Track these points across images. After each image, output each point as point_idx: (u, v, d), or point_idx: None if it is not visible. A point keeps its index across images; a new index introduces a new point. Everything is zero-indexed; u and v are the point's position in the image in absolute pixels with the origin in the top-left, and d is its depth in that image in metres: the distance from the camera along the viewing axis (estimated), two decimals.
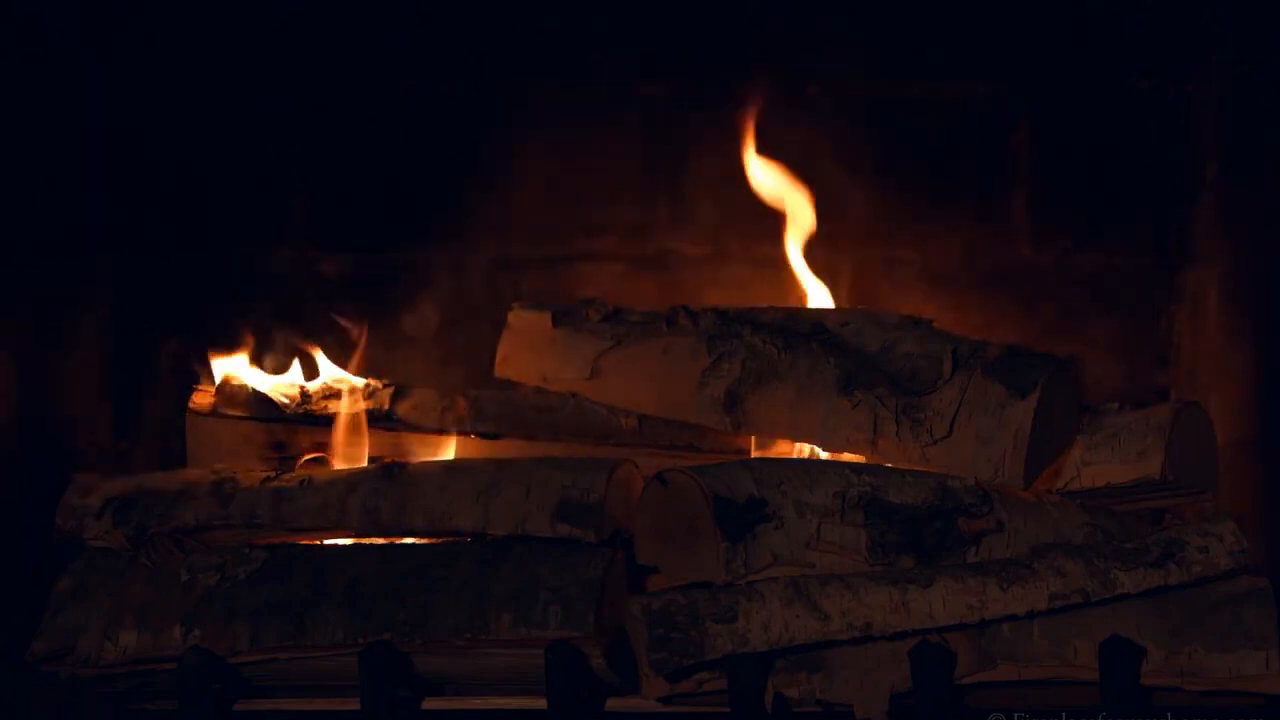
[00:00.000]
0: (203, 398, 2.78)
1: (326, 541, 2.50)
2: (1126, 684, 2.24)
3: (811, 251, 2.89)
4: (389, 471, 2.47)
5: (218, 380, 2.77)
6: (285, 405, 2.75)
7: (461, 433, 2.72)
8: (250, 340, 2.84)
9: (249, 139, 3.07)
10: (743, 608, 2.23)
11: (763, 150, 2.93)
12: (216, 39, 3.03)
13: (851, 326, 2.61)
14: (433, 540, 2.45)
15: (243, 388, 2.74)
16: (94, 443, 2.85)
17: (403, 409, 2.74)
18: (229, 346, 2.83)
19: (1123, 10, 3.01)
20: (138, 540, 2.43)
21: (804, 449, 2.63)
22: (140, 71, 2.94)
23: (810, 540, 2.32)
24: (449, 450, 2.70)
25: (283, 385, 2.78)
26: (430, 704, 2.36)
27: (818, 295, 2.87)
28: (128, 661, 2.33)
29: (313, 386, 2.78)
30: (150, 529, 2.43)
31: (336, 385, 2.76)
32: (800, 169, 3.02)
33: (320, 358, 2.84)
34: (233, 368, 2.79)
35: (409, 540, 2.47)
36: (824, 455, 2.59)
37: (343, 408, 2.69)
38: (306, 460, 2.69)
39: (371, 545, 2.48)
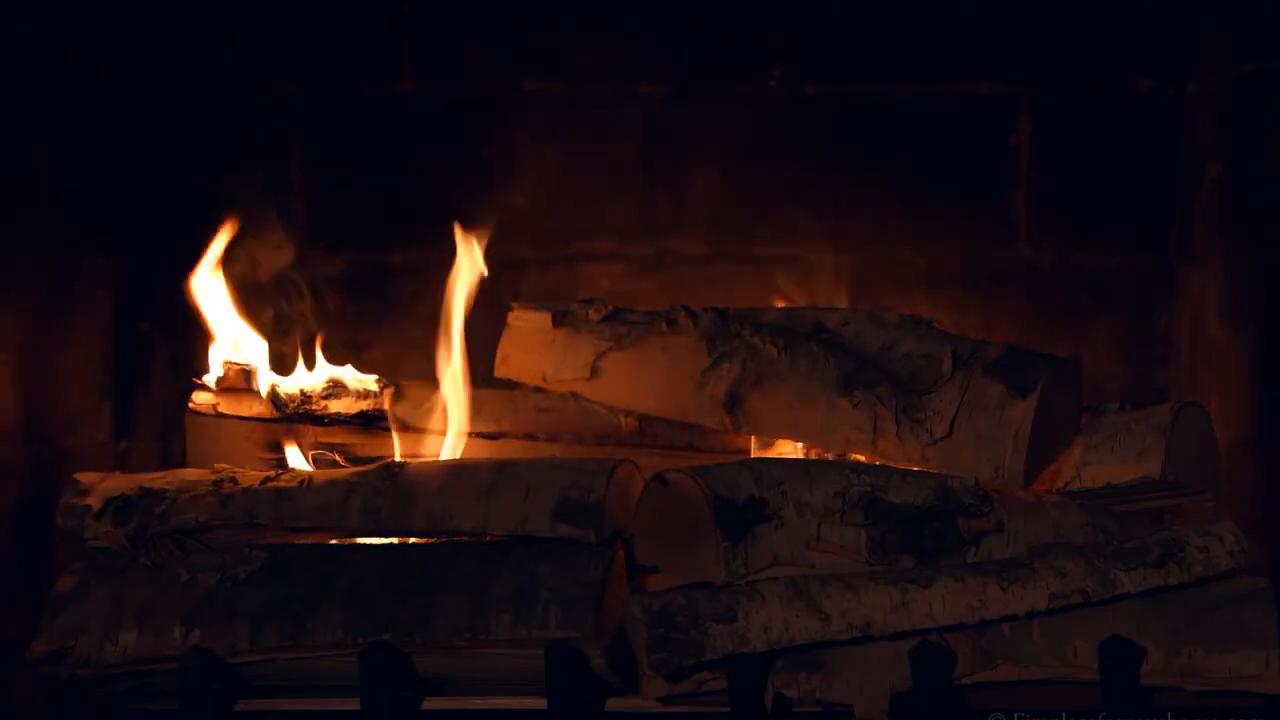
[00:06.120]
0: (203, 397, 2.78)
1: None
2: (1126, 684, 2.24)
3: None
4: (389, 471, 2.46)
5: (217, 368, 2.78)
6: (286, 404, 2.75)
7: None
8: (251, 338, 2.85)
9: (248, 138, 3.07)
10: (743, 608, 2.23)
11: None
12: (217, 37, 3.03)
13: (851, 326, 2.61)
14: (433, 540, 2.44)
15: (242, 374, 2.76)
16: (94, 443, 2.85)
17: (402, 409, 2.74)
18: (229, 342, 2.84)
19: (1123, 10, 3.02)
20: (138, 540, 2.43)
21: (802, 448, 2.64)
22: (139, 68, 2.94)
23: (810, 540, 2.32)
24: (449, 450, 2.70)
25: (283, 385, 2.78)
26: (430, 704, 2.36)
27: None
28: (128, 661, 2.33)
29: (312, 387, 2.78)
30: (150, 529, 2.43)
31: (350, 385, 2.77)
32: (800, 168, 3.04)
33: (319, 358, 2.85)
34: (233, 356, 2.80)
35: (409, 540, 2.47)
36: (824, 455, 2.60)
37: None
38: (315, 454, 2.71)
39: (371, 545, 2.48)
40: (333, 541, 2.49)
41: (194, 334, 2.99)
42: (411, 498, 2.42)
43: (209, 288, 2.82)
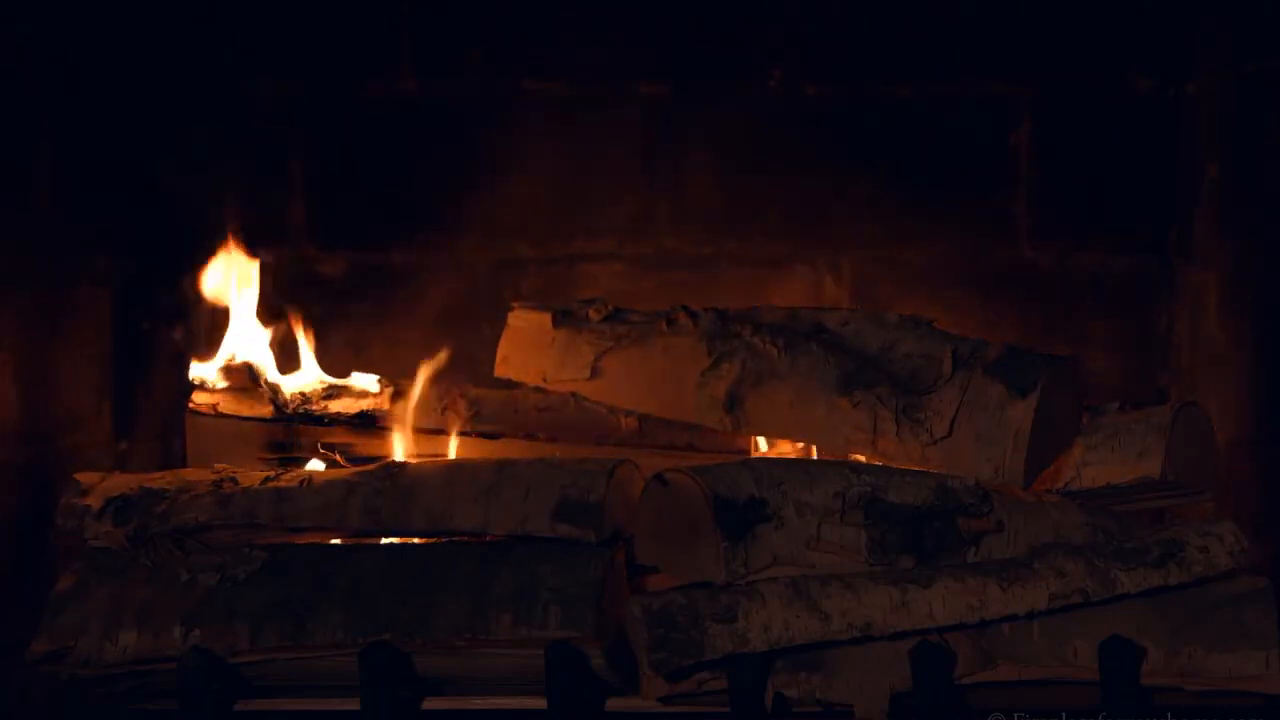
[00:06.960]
0: (203, 397, 2.78)
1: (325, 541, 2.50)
2: (1126, 684, 2.24)
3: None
4: (389, 471, 2.46)
5: (218, 360, 2.78)
6: (286, 404, 2.75)
7: (461, 433, 2.72)
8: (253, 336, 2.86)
9: (248, 137, 3.07)
10: (743, 608, 2.23)
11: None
12: (217, 37, 3.03)
13: (851, 326, 2.61)
14: (433, 540, 2.44)
15: (242, 368, 2.76)
16: (94, 443, 2.85)
17: (402, 409, 2.74)
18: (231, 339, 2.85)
19: (1122, 10, 3.02)
20: (138, 540, 2.43)
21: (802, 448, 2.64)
22: (139, 68, 2.94)
23: (810, 540, 2.32)
24: (449, 450, 2.70)
25: (284, 384, 2.79)
26: (430, 704, 2.36)
27: None
28: (128, 661, 2.33)
29: (311, 387, 2.78)
30: (150, 529, 2.43)
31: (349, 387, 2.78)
32: (799, 168, 3.04)
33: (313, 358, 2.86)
34: (234, 350, 2.81)
35: (409, 540, 2.47)
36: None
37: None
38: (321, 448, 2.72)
39: (371, 545, 2.48)
40: (333, 541, 2.49)
41: (194, 334, 3.00)
42: (411, 498, 2.42)
43: (217, 286, 2.84)
